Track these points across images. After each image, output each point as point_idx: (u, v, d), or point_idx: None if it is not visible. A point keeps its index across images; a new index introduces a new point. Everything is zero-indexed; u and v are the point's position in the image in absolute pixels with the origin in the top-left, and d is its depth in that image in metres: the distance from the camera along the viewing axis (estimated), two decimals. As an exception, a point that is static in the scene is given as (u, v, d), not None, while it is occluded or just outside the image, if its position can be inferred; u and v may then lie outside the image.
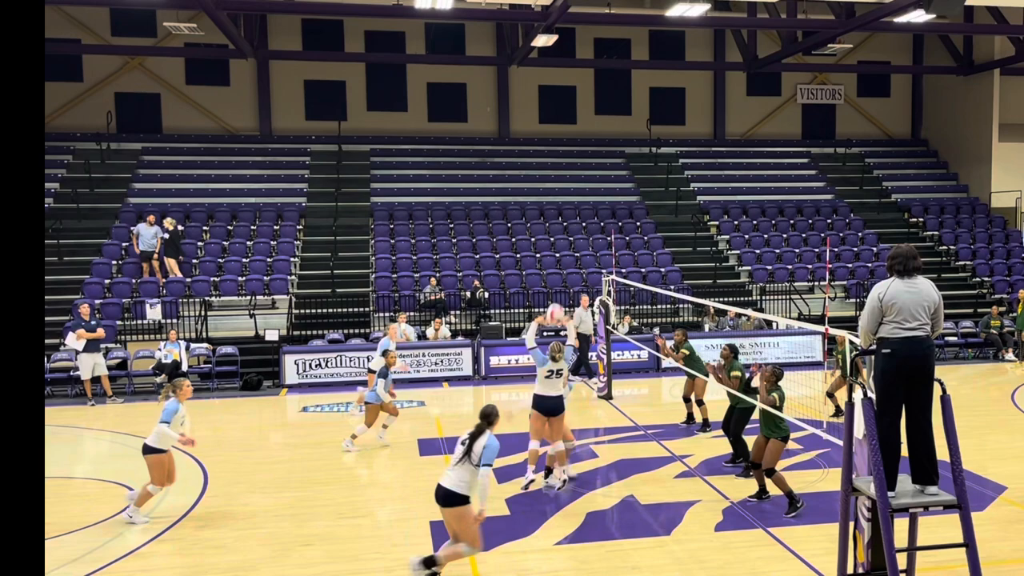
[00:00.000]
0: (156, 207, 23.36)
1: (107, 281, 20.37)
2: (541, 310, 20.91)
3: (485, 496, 7.10)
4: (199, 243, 22.33)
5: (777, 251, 24.17)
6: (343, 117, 26.84)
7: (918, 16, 19.61)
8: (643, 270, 22.34)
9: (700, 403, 13.25)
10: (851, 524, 6.38)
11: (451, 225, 24.29)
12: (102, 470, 11.82)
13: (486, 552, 8.29)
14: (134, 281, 20.45)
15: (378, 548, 8.50)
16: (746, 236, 24.75)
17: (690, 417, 13.59)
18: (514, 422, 13.92)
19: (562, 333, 19.47)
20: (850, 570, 6.37)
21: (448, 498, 7.11)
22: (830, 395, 13.50)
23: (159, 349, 17.82)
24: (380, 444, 12.60)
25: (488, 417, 7.34)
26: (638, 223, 24.98)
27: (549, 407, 10.14)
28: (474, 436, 7.19)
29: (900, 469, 6.07)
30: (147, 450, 9.39)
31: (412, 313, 20.39)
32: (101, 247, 21.58)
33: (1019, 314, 20.50)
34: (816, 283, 22.97)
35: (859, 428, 6.15)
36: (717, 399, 12.80)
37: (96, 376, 16.84)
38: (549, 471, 10.41)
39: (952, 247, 25.20)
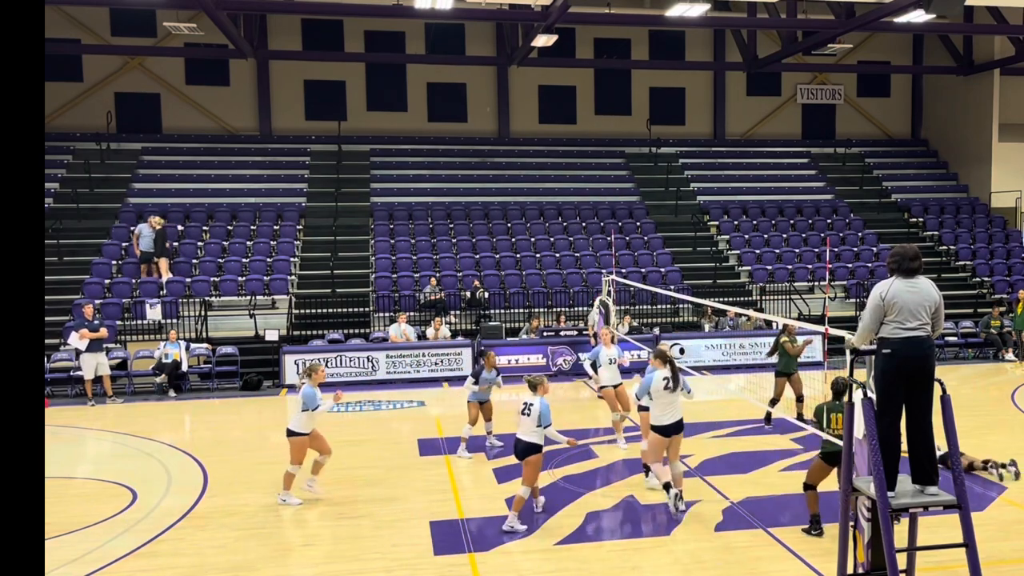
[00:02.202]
0: (156, 207, 23.38)
1: (107, 281, 20.37)
2: (540, 310, 20.91)
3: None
4: (199, 243, 22.33)
5: (777, 251, 24.16)
6: (343, 117, 26.84)
7: (918, 16, 19.61)
8: (643, 270, 22.33)
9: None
10: (851, 524, 6.38)
11: (451, 225, 24.28)
12: (102, 470, 11.82)
13: (486, 552, 8.29)
14: (134, 281, 20.45)
15: (378, 548, 8.50)
16: (746, 236, 24.74)
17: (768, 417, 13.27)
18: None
19: (562, 334, 19.49)
20: (850, 570, 6.37)
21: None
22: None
23: (159, 349, 17.82)
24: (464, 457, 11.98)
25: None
26: (638, 223, 24.98)
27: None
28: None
29: (900, 469, 6.07)
30: (290, 433, 10.00)
31: (412, 313, 20.38)
32: (101, 247, 21.58)
33: (1018, 314, 20.48)
34: (816, 283, 22.96)
35: (859, 428, 6.15)
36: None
37: (98, 376, 16.84)
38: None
39: (952, 247, 25.20)
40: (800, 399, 13.23)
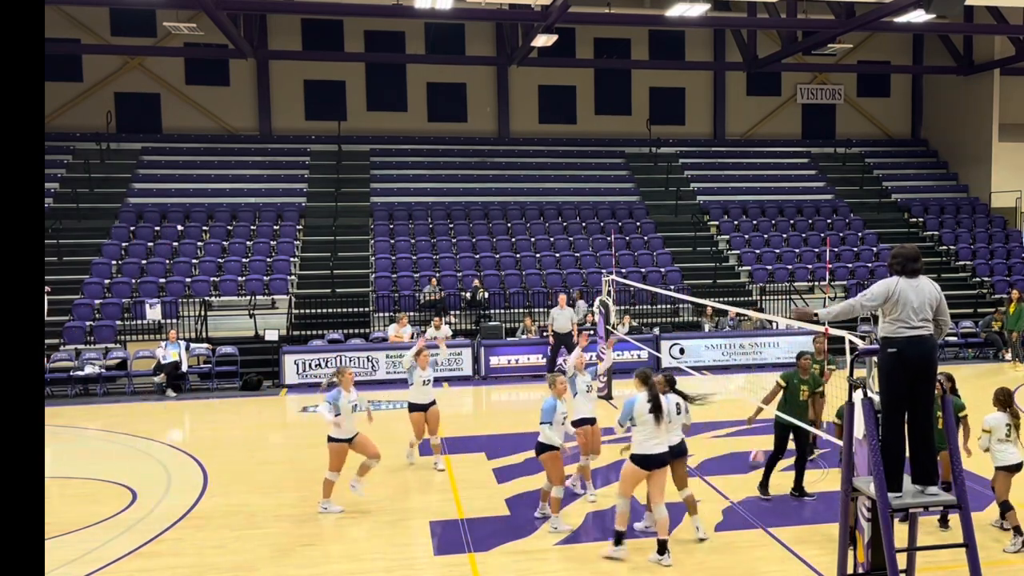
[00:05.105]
0: (156, 207, 23.40)
1: (107, 281, 20.37)
2: (539, 310, 20.91)
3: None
4: (199, 243, 22.33)
5: (777, 251, 24.16)
6: (343, 117, 26.83)
7: (918, 16, 19.60)
8: (643, 270, 22.33)
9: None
10: (851, 524, 6.38)
11: (451, 225, 24.28)
12: (102, 470, 11.81)
13: (486, 552, 8.29)
14: (134, 281, 20.45)
15: (378, 548, 8.50)
16: (746, 236, 24.74)
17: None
18: (517, 421, 13.92)
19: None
20: (850, 570, 6.37)
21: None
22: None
23: (159, 349, 17.81)
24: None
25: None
26: (638, 223, 24.98)
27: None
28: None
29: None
30: (413, 408, 11.22)
31: (412, 313, 20.38)
32: (101, 247, 21.58)
33: (1010, 314, 20.39)
34: (816, 283, 22.95)
35: (859, 428, 6.15)
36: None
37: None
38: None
39: (952, 247, 25.19)
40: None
